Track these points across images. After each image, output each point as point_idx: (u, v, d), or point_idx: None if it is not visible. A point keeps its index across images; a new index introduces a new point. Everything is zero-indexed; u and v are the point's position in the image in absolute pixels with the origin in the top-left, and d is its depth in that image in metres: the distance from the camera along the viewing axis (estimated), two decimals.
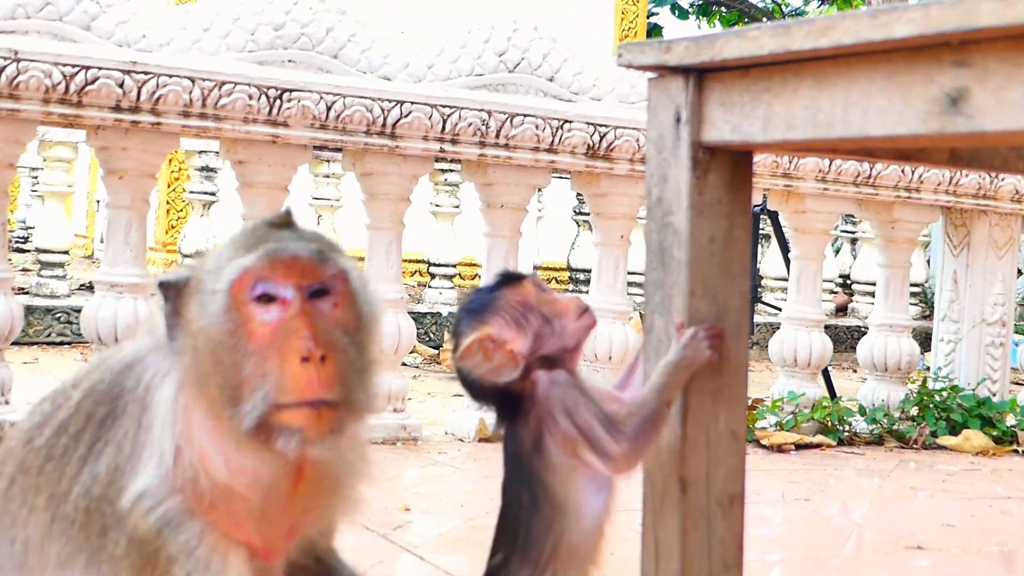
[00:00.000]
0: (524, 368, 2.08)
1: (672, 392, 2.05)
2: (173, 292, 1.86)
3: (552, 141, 5.60)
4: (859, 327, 11.02)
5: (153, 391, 1.86)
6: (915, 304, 11.75)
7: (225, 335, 1.79)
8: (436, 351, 8.96)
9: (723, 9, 25.51)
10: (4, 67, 4.62)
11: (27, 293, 9.03)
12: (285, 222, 1.90)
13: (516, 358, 2.07)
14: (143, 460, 1.82)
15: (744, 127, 1.99)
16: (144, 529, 1.80)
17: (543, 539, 2.06)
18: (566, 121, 5.63)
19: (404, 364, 7.48)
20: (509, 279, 2.16)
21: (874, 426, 6.38)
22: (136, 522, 1.80)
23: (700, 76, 2.06)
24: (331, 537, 2.12)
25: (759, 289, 10.59)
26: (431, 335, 9.61)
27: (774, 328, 6.99)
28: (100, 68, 4.77)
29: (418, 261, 11.95)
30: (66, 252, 9.46)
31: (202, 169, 10.36)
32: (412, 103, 5.33)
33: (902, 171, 6.45)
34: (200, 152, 10.22)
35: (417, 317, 9.00)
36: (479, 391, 2.13)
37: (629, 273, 6.17)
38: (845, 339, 11.03)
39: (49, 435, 1.90)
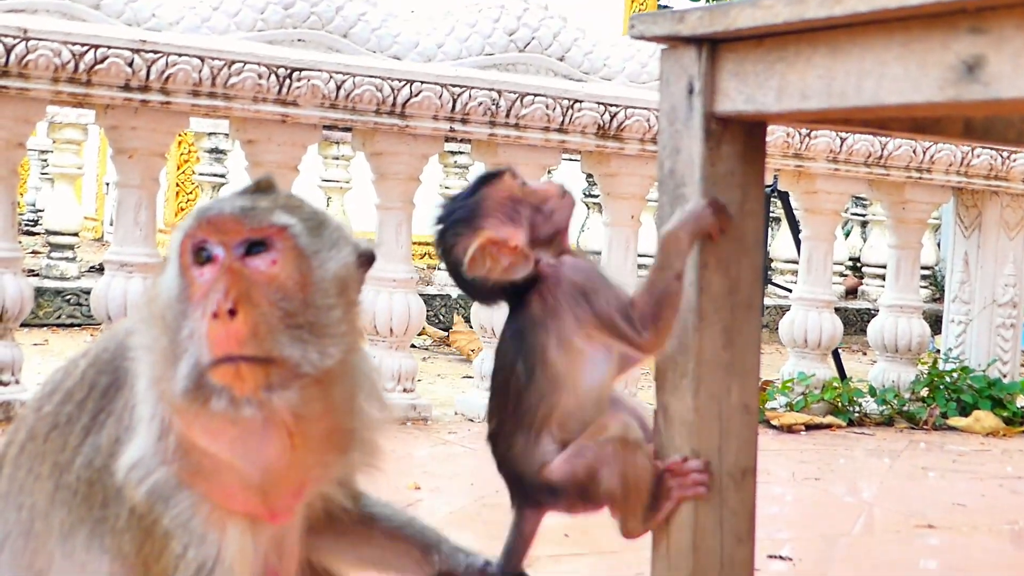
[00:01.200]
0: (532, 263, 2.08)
1: (678, 262, 2.03)
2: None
3: (562, 121, 5.58)
4: (869, 310, 11.00)
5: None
6: (925, 287, 11.72)
7: (172, 300, 1.77)
8: (446, 333, 8.96)
9: None
10: (13, 46, 4.62)
11: (37, 275, 9.03)
12: (263, 187, 1.87)
13: (523, 252, 2.08)
14: (137, 431, 1.81)
15: (758, 97, 1.97)
16: (137, 500, 1.79)
17: (536, 407, 2.07)
18: (576, 101, 5.61)
19: (414, 346, 7.48)
20: (485, 179, 2.16)
21: (884, 407, 6.37)
22: (130, 493, 1.79)
23: (713, 46, 2.05)
24: (352, 486, 2.09)
25: (769, 271, 10.56)
26: (440, 317, 9.60)
27: (784, 310, 6.97)
28: (109, 47, 4.76)
29: (428, 244, 11.93)
30: (76, 234, 9.45)
31: (212, 151, 10.36)
32: (422, 82, 5.31)
33: (913, 151, 6.42)
34: (209, 134, 10.22)
35: (427, 299, 8.97)
36: (489, 293, 2.13)
37: (639, 256, 6.15)
38: (855, 322, 11.01)
39: (57, 402, 1.90)
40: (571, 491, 2.10)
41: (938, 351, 7.28)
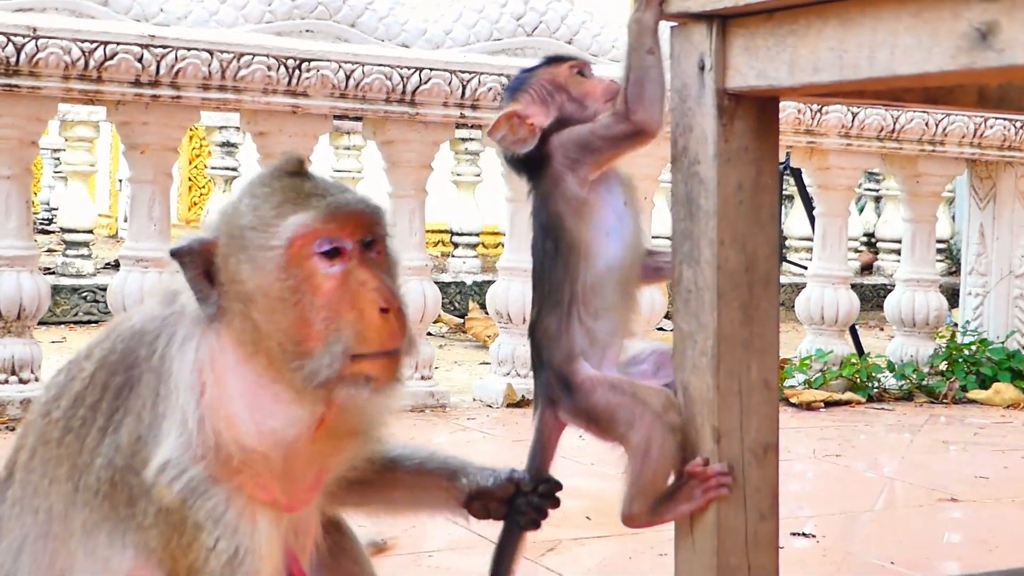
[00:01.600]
0: (543, 136, 2.19)
1: (646, 39, 2.11)
2: (193, 258, 1.84)
3: None
4: (884, 285, 10.97)
5: (170, 360, 1.85)
6: (941, 260, 11.69)
7: (287, 291, 1.80)
8: (461, 320, 8.96)
9: None
10: (23, 44, 4.63)
11: (53, 273, 9.06)
12: (298, 170, 1.89)
13: (535, 131, 2.19)
14: (163, 430, 1.82)
15: (769, 72, 1.96)
16: (170, 499, 1.80)
17: (561, 283, 2.16)
18: None
19: (430, 333, 7.48)
20: (551, 60, 2.28)
21: (903, 382, 6.35)
22: (161, 492, 1.80)
23: (723, 22, 2.04)
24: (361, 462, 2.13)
25: (784, 249, 10.54)
26: (455, 304, 9.61)
27: (799, 287, 6.96)
28: (119, 43, 4.77)
29: (441, 231, 11.94)
30: (90, 231, 9.49)
31: (223, 145, 10.36)
32: (431, 69, 5.31)
33: (926, 124, 6.40)
34: (220, 128, 10.23)
35: (441, 286, 8.98)
36: (511, 160, 2.26)
37: (652, 237, 6.15)
38: (871, 297, 10.99)
39: (66, 407, 1.90)
40: (585, 407, 2.16)
41: (956, 324, 7.26)
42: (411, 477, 2.23)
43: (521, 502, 2.23)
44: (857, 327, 7.10)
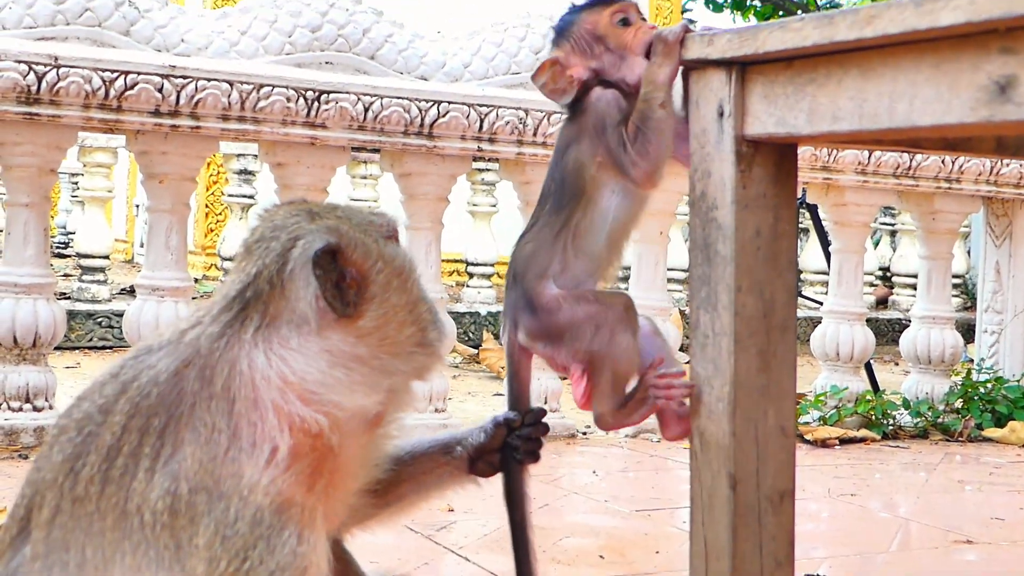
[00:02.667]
0: (582, 87, 2.26)
1: (659, 92, 2.16)
2: (334, 263, 1.96)
3: None
4: (900, 320, 10.95)
5: (241, 382, 1.91)
6: (956, 296, 11.66)
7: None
8: (475, 350, 8.96)
9: (757, 3, 25.42)
10: (44, 73, 4.65)
11: (68, 298, 9.09)
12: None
13: (573, 83, 2.27)
14: (245, 449, 1.87)
15: (788, 120, 1.97)
16: (245, 518, 1.84)
17: (559, 214, 2.25)
18: None
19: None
20: (597, 1, 2.31)
21: (919, 419, 6.33)
22: (236, 511, 1.84)
23: (742, 69, 2.05)
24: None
25: (799, 283, 10.53)
26: (470, 334, 9.61)
27: (815, 322, 6.95)
28: (139, 73, 4.79)
29: (456, 261, 11.96)
30: (107, 257, 9.52)
31: (240, 172, 10.41)
32: (449, 103, 5.32)
33: (942, 162, 6.40)
34: (238, 155, 10.28)
35: (456, 317, 9.00)
36: (552, 99, 2.32)
37: (668, 269, 6.14)
38: (886, 332, 10.96)
39: (98, 462, 1.91)
40: (547, 325, 2.24)
41: (971, 361, 7.24)
42: (410, 467, 2.30)
43: (512, 438, 2.30)
44: (872, 362, 7.08)
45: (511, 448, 2.29)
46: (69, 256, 13.18)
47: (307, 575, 1.89)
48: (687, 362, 2.21)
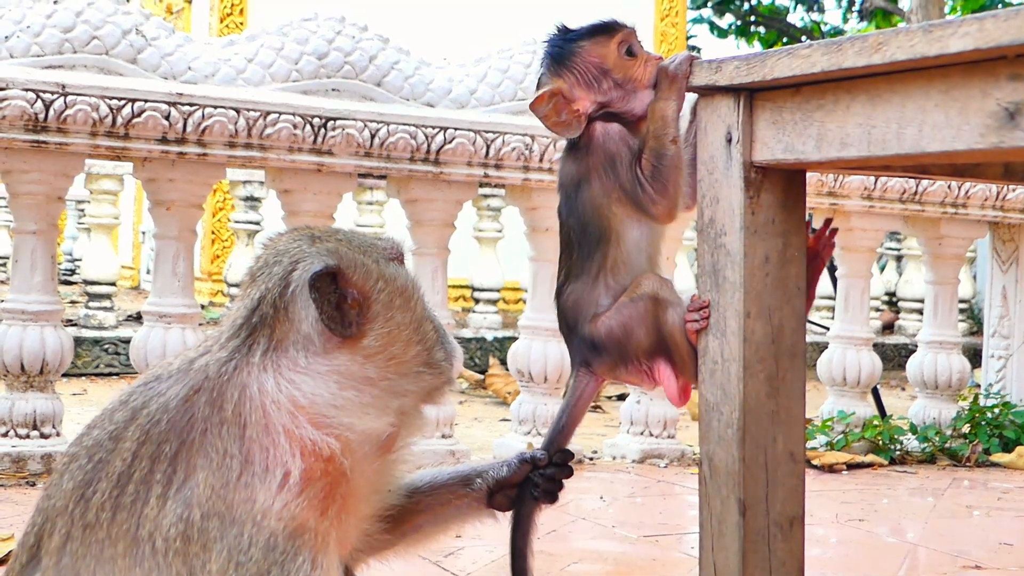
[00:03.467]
0: (587, 120, 2.23)
1: (668, 127, 2.16)
2: (333, 284, 1.98)
3: None
4: (906, 344, 10.94)
5: (251, 407, 1.92)
6: (963, 321, 11.65)
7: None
8: (482, 376, 8.96)
9: (762, 29, 25.50)
10: (52, 101, 4.67)
11: (75, 325, 9.10)
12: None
13: (580, 118, 2.23)
14: (258, 474, 1.88)
15: (796, 146, 1.98)
16: (261, 543, 1.85)
17: (593, 257, 2.25)
18: None
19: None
20: (598, 29, 2.26)
21: (926, 444, 6.32)
22: (251, 537, 1.84)
23: (750, 95, 2.05)
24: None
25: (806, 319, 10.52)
26: (476, 360, 9.60)
27: (821, 347, 6.94)
28: (146, 100, 4.81)
29: (462, 287, 11.96)
30: (113, 283, 9.53)
31: (246, 199, 10.43)
32: (456, 129, 5.33)
33: (948, 187, 6.40)
34: (244, 182, 10.30)
35: (462, 342, 8.99)
36: (554, 132, 2.29)
37: None
38: (892, 357, 10.95)
39: (108, 488, 1.92)
40: (612, 349, 2.24)
41: (978, 386, 7.23)
42: (429, 498, 2.31)
43: (534, 474, 2.30)
44: (879, 387, 7.07)
45: (531, 484, 2.28)
46: (75, 283, 13.20)
47: None
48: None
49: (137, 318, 9.28)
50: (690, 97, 2.19)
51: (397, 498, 2.24)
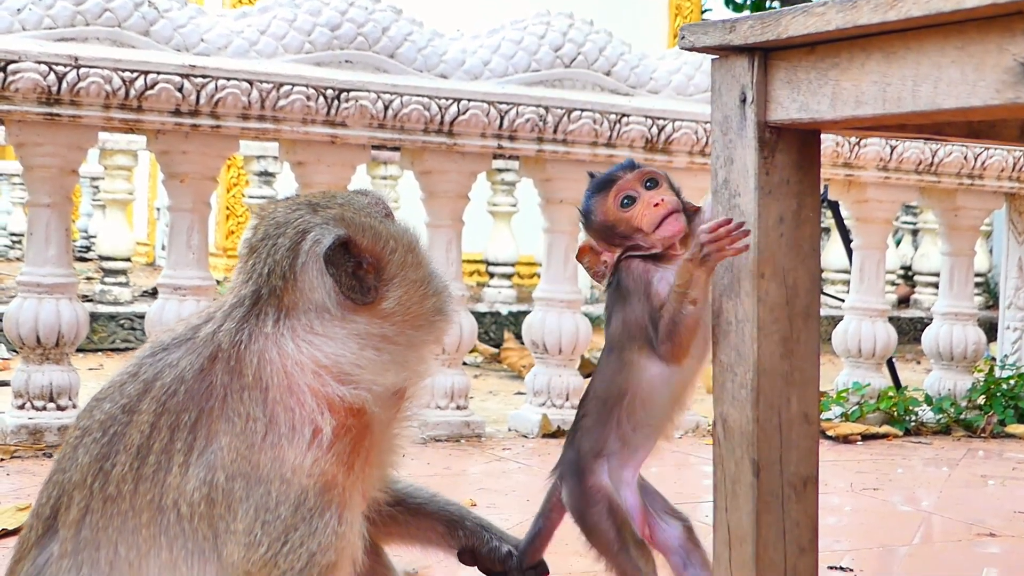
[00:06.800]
0: (616, 261, 2.32)
1: (691, 289, 2.13)
2: (347, 253, 1.98)
3: (610, 135, 5.58)
4: (921, 318, 10.91)
5: (273, 371, 1.93)
6: (979, 294, 11.61)
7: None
8: (497, 350, 8.96)
9: (777, 3, 25.38)
10: (65, 74, 4.67)
11: (91, 300, 9.12)
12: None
13: (608, 267, 2.32)
14: (285, 434, 1.90)
15: (811, 105, 1.97)
16: (288, 499, 1.87)
17: (612, 387, 2.28)
18: (624, 115, 5.60)
19: (465, 363, 7.48)
20: (598, 188, 2.36)
21: (941, 415, 6.31)
22: (277, 495, 1.86)
23: (765, 55, 2.04)
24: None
25: (821, 281, 10.50)
26: (491, 334, 9.60)
27: (836, 320, 6.92)
28: (159, 73, 4.81)
29: (477, 261, 11.96)
30: (128, 259, 9.55)
31: (260, 174, 10.43)
32: (469, 100, 5.32)
33: (964, 158, 6.38)
34: (258, 157, 10.30)
35: (477, 316, 8.99)
36: (594, 280, 2.39)
37: None
38: (908, 330, 10.92)
39: (128, 460, 1.93)
40: (581, 516, 2.32)
41: (993, 358, 7.21)
42: (410, 517, 2.36)
43: (510, 569, 2.37)
44: (894, 360, 7.06)
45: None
46: (91, 259, 13.23)
47: (344, 555, 1.90)
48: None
49: (153, 293, 9.30)
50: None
51: (389, 498, 2.26)
